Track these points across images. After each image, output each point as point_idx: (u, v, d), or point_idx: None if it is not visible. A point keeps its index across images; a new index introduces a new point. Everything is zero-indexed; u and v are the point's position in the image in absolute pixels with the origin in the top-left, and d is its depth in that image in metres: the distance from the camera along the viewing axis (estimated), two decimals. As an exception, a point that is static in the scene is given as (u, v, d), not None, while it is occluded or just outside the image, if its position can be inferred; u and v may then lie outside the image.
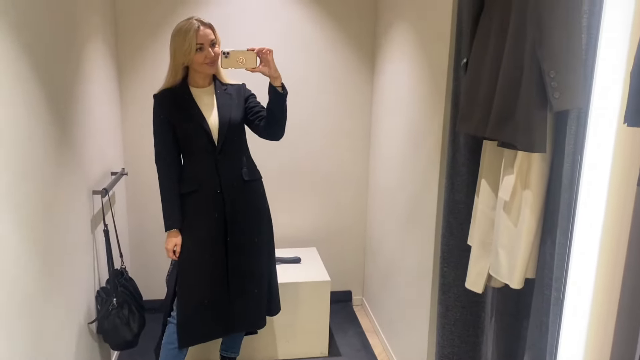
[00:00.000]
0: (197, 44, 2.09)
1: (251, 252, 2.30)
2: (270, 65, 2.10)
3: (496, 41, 1.49)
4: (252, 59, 2.08)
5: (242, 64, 2.08)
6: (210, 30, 2.12)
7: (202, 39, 2.09)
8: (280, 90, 2.14)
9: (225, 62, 2.08)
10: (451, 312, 2.07)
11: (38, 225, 1.70)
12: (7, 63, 1.49)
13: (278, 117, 2.20)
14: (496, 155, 1.61)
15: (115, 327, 2.34)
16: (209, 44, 2.11)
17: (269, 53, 2.08)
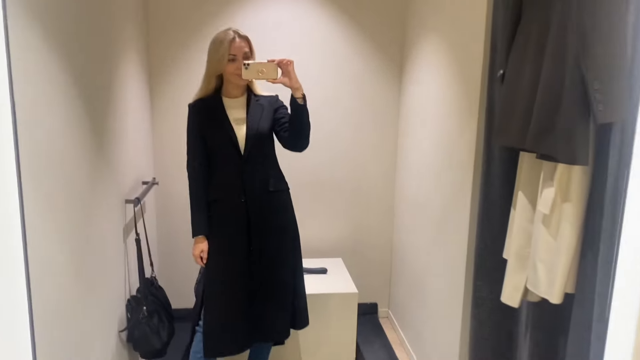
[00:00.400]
0: (230, 55, 2.12)
1: (275, 263, 2.30)
2: (291, 76, 2.09)
3: (535, 51, 1.47)
4: (272, 70, 2.08)
5: (262, 75, 2.08)
6: (245, 43, 2.15)
7: (235, 50, 2.12)
8: (301, 102, 2.14)
9: (246, 73, 2.08)
10: (485, 327, 2.03)
11: (75, 233, 1.73)
12: (51, 75, 1.52)
13: (299, 128, 2.20)
14: (534, 168, 1.58)
15: (145, 335, 2.35)
16: (242, 55, 2.14)
17: (289, 64, 2.08)
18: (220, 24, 3.02)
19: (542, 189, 1.50)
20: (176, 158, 3.15)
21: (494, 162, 1.88)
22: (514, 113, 1.57)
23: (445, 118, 2.46)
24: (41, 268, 1.43)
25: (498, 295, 1.86)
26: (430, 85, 2.70)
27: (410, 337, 3.04)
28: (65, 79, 1.64)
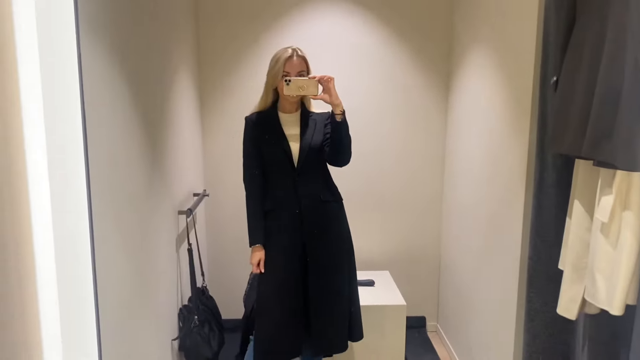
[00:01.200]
0: (284, 72, 2.17)
1: (330, 273, 2.31)
2: (331, 92, 2.12)
3: (591, 57, 1.44)
4: (313, 86, 2.11)
5: (303, 91, 2.12)
6: (302, 62, 2.19)
7: (290, 67, 2.17)
8: (339, 119, 2.16)
9: (287, 89, 2.12)
10: (539, 340, 1.98)
11: (133, 243, 1.79)
12: (115, 93, 1.60)
13: (338, 145, 2.22)
14: (591, 175, 1.54)
15: (196, 344, 2.39)
16: (296, 73, 2.18)
17: (330, 81, 2.12)
18: (268, 39, 3.10)
19: (600, 197, 1.46)
20: (225, 170, 3.23)
21: (547, 171, 1.84)
22: (569, 120, 1.54)
23: (494, 127, 2.43)
24: (105, 276, 1.49)
25: (552, 307, 1.81)
26: (478, 95, 2.68)
27: (461, 351, 2.98)
28: (127, 97, 1.72)
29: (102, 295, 1.41)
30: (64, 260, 1.23)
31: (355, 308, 2.42)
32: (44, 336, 1.23)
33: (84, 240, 1.22)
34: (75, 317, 1.27)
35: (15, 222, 1.10)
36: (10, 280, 1.08)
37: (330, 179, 2.38)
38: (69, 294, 1.25)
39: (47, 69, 1.13)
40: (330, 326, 2.33)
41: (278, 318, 2.27)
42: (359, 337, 2.44)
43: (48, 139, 1.16)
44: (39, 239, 1.18)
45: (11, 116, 1.08)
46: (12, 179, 1.09)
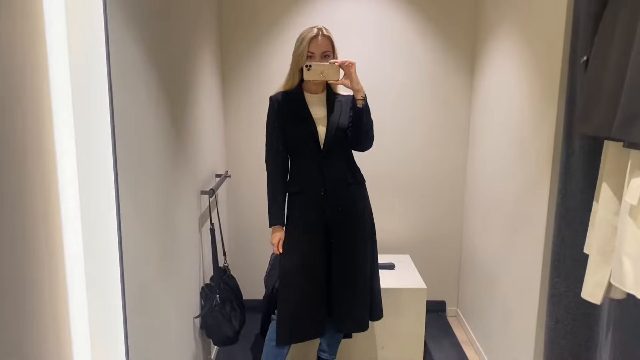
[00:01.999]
0: (308, 52, 2.15)
1: (354, 254, 2.31)
2: (352, 78, 2.10)
3: (624, 36, 1.40)
4: (334, 71, 2.09)
5: (324, 76, 2.10)
6: (327, 42, 2.16)
7: (314, 47, 2.14)
8: (360, 105, 2.14)
9: (308, 74, 2.10)
10: (561, 325, 1.96)
11: (159, 222, 1.81)
12: (140, 76, 1.61)
13: (359, 130, 2.20)
14: (621, 157, 1.51)
15: (218, 323, 2.43)
16: (321, 54, 2.15)
17: (351, 66, 2.09)
18: (291, 20, 3.08)
19: (630, 179, 1.43)
20: (247, 152, 3.24)
21: (574, 153, 1.81)
22: (599, 101, 1.50)
23: (520, 109, 2.39)
24: (131, 254, 1.51)
25: (576, 292, 1.79)
26: (504, 76, 2.63)
27: (481, 336, 2.97)
28: (152, 80, 1.73)
29: (127, 273, 1.44)
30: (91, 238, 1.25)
31: (376, 288, 2.43)
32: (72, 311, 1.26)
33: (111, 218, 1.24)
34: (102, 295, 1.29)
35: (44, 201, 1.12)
36: (40, 255, 1.10)
37: (354, 161, 2.37)
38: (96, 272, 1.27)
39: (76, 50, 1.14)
40: (354, 306, 2.34)
41: (300, 298, 2.29)
42: (379, 317, 2.45)
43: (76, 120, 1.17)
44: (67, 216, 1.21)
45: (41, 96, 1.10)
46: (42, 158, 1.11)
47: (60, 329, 1.20)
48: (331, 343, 2.58)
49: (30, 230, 1.05)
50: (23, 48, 1.02)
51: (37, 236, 1.08)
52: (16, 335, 1.00)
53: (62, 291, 1.21)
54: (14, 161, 0.99)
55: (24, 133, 1.02)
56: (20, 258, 1.02)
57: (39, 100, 1.09)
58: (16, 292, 1.00)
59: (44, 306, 1.12)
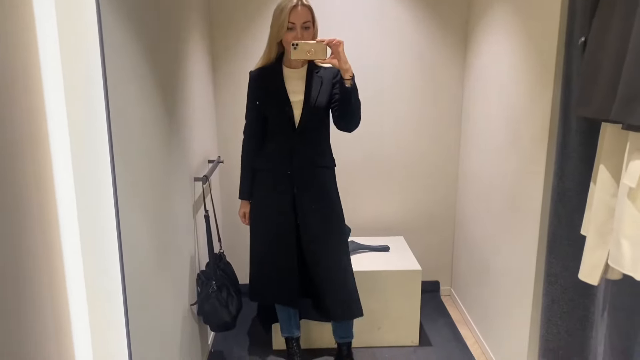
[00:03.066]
0: (289, 23, 2.10)
1: (322, 238, 2.35)
2: (340, 57, 2.06)
3: (623, 16, 1.39)
4: (321, 50, 2.05)
5: (311, 55, 2.05)
6: (307, 12, 2.11)
7: (295, 18, 2.09)
8: (348, 84, 2.11)
9: (295, 53, 2.05)
10: (557, 305, 1.98)
11: (154, 210, 1.79)
12: (133, 62, 1.57)
13: (347, 110, 2.18)
14: (619, 139, 1.51)
15: (215, 309, 2.42)
16: (302, 24, 2.10)
17: (339, 44, 2.05)
18: (280, 1, 3.02)
19: (628, 161, 1.43)
20: (239, 137, 3.20)
21: (570, 135, 1.81)
22: (597, 83, 1.49)
23: (515, 90, 2.38)
24: (129, 241, 1.49)
25: (572, 272, 1.81)
26: (498, 57, 2.61)
27: (475, 315, 3.01)
28: (145, 68, 1.69)
29: (126, 263, 1.42)
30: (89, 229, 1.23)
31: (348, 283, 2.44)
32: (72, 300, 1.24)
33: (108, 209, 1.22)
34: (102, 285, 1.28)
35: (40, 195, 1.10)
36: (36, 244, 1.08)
37: (329, 143, 2.37)
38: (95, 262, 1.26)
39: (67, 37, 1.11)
40: (331, 294, 2.38)
41: (270, 261, 2.40)
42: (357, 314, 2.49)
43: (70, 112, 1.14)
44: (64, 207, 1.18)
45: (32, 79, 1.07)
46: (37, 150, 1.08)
47: (61, 323, 1.19)
48: (341, 325, 2.58)
49: (28, 225, 1.03)
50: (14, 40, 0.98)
51: (34, 232, 1.06)
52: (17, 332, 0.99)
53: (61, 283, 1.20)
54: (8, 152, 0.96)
55: (18, 122, 0.99)
56: (19, 254, 1.00)
57: (33, 92, 1.06)
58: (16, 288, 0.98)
59: (44, 303, 1.10)
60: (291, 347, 2.67)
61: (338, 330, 2.60)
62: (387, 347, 2.85)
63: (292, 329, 2.64)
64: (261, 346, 2.86)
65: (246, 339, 2.95)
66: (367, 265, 2.83)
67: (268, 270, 2.42)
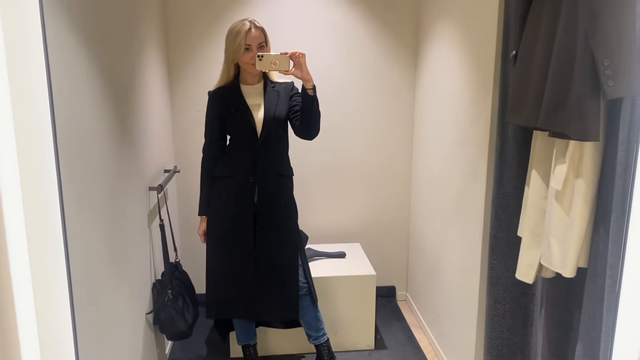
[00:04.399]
0: (245, 45, 2.22)
1: (278, 244, 2.43)
2: (302, 68, 2.19)
3: (546, 33, 1.50)
4: (285, 62, 2.17)
5: (275, 66, 2.18)
6: (260, 33, 2.25)
7: (251, 40, 2.22)
8: (311, 93, 2.24)
9: (260, 65, 2.18)
10: (500, 304, 2.08)
11: (105, 219, 1.80)
12: (81, 69, 1.59)
13: (309, 118, 2.30)
14: (547, 146, 1.61)
15: (171, 318, 2.43)
16: (257, 45, 2.24)
17: (301, 57, 2.18)
18: (236, 13, 3.08)
19: (555, 166, 1.54)
20: (196, 146, 3.21)
21: (508, 142, 1.92)
22: (526, 93, 1.60)
23: (459, 100, 2.49)
24: (77, 252, 1.51)
25: (513, 273, 1.90)
26: (445, 67, 2.73)
27: (429, 318, 3.10)
28: (93, 73, 1.71)
29: (75, 272, 1.43)
30: (35, 238, 1.24)
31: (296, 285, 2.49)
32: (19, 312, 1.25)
33: (54, 217, 1.24)
34: (49, 294, 1.29)
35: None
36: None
37: (287, 154, 2.48)
38: (41, 271, 1.27)
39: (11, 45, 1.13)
40: (275, 295, 2.45)
41: (225, 276, 2.45)
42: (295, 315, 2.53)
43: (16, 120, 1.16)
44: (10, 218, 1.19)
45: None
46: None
47: (7, 333, 1.20)
48: (309, 327, 2.61)
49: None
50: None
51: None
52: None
53: (8, 295, 1.21)
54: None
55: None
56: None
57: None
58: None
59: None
60: (248, 354, 2.69)
61: (309, 332, 2.62)
62: (344, 351, 2.90)
63: (248, 337, 2.67)
64: (219, 354, 2.88)
65: (203, 347, 2.96)
66: (323, 272, 2.88)
67: (226, 287, 2.46)
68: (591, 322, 1.52)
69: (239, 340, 2.68)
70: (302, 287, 2.49)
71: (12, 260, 1.22)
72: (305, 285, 2.51)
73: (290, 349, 2.87)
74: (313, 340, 2.64)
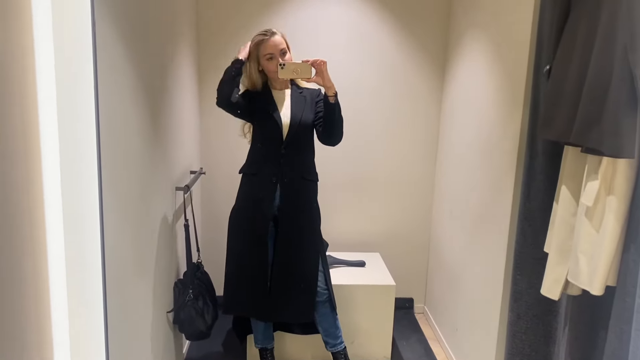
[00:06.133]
0: (267, 54, 2.28)
1: (298, 247, 2.44)
2: (324, 75, 2.22)
3: (583, 47, 1.50)
4: (306, 70, 2.20)
5: (297, 74, 2.21)
6: (281, 40, 2.29)
7: (272, 49, 2.27)
8: (332, 100, 2.26)
9: (282, 73, 2.21)
10: (522, 321, 2.06)
11: (135, 215, 1.84)
12: (124, 73, 1.63)
13: (331, 125, 2.33)
14: (579, 161, 1.60)
15: (190, 317, 2.45)
16: (279, 53, 2.28)
17: (322, 64, 2.21)
18: (266, 20, 3.12)
19: (586, 182, 1.52)
20: (221, 149, 3.27)
21: (537, 157, 1.90)
22: (559, 107, 1.59)
23: (487, 113, 2.48)
24: (111, 246, 1.54)
25: (537, 289, 1.88)
26: (473, 81, 2.73)
27: (447, 332, 3.07)
28: (133, 77, 1.76)
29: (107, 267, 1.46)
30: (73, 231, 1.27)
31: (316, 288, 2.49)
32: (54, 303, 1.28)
33: (93, 213, 1.27)
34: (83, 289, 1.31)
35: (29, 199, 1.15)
36: (23, 249, 1.13)
37: (312, 159, 2.49)
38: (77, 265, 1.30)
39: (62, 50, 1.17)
40: (294, 296, 2.45)
41: (243, 275, 2.46)
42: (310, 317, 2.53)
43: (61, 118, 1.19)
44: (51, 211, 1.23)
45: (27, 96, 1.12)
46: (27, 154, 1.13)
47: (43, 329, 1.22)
48: (328, 333, 2.61)
49: (16, 230, 1.08)
50: (11, 48, 1.04)
51: (22, 234, 1.11)
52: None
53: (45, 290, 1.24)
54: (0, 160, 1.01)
55: (10, 131, 1.05)
56: (7, 257, 1.04)
57: (25, 100, 1.11)
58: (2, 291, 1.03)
59: (27, 308, 1.14)
60: (265, 358, 2.70)
61: (327, 340, 2.62)
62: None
63: (266, 340, 2.68)
64: (235, 357, 2.89)
65: (220, 349, 2.97)
66: (343, 280, 2.88)
67: (243, 284, 2.48)
68: (618, 342, 1.50)
69: (256, 342, 2.69)
70: (322, 293, 2.50)
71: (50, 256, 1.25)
72: (325, 292, 2.51)
73: (307, 355, 2.87)
74: (330, 348, 2.63)
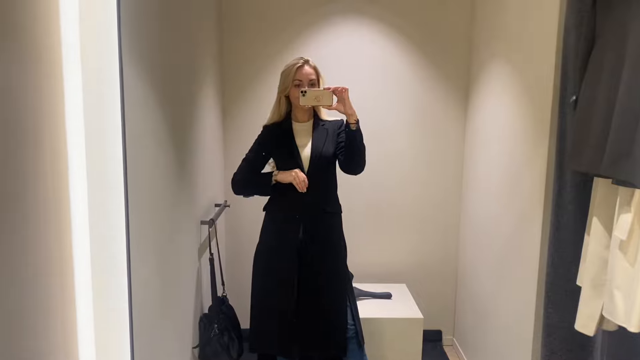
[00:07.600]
0: (295, 80, 2.28)
1: (323, 282, 2.38)
2: (345, 103, 2.22)
3: (611, 77, 1.48)
4: (328, 97, 2.20)
5: (318, 101, 2.21)
6: (312, 71, 2.30)
7: (301, 76, 2.28)
8: (354, 127, 2.25)
9: (303, 100, 2.21)
10: (556, 356, 1.99)
11: (160, 249, 1.85)
12: (148, 109, 1.67)
13: (352, 153, 2.30)
14: (610, 193, 1.57)
15: (216, 353, 2.44)
16: (308, 82, 2.28)
17: (344, 92, 2.21)
18: (290, 54, 3.17)
19: (619, 215, 1.49)
20: (246, 182, 3.29)
21: (565, 188, 1.87)
22: (588, 138, 1.57)
23: (513, 144, 2.46)
24: (136, 282, 1.54)
25: (570, 323, 1.83)
26: (497, 111, 2.71)
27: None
28: (158, 114, 1.79)
29: (133, 301, 1.46)
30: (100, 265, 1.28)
31: (341, 322, 2.43)
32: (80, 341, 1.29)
33: (120, 247, 1.28)
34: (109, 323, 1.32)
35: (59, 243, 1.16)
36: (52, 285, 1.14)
37: (335, 191, 2.46)
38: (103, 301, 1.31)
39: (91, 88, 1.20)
40: (318, 330, 2.39)
41: (269, 311, 2.40)
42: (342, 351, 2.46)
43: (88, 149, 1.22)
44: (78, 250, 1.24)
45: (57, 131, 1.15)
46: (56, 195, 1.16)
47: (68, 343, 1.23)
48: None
49: (46, 282, 1.09)
50: (41, 93, 1.07)
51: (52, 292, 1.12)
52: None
53: (72, 321, 1.25)
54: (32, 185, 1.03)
55: (41, 177, 1.07)
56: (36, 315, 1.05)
57: (55, 144, 1.14)
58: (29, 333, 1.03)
59: (54, 337, 1.15)
60: (290, 393, 2.65)
61: None
62: (387, 396, 2.83)
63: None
64: (261, 392, 2.84)
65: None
66: (369, 312, 2.84)
67: (269, 321, 2.43)
68: (659, 381, 1.44)
69: None
70: (348, 329, 2.45)
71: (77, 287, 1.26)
72: (352, 328, 2.47)
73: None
74: None
